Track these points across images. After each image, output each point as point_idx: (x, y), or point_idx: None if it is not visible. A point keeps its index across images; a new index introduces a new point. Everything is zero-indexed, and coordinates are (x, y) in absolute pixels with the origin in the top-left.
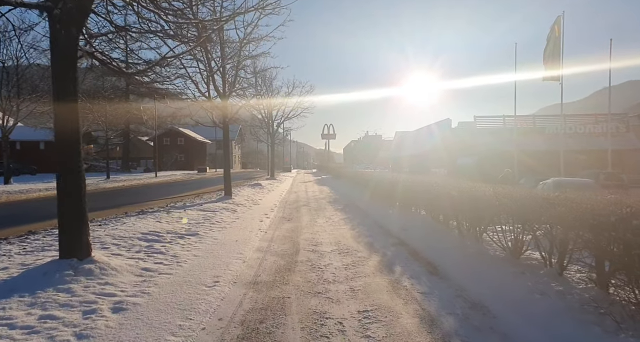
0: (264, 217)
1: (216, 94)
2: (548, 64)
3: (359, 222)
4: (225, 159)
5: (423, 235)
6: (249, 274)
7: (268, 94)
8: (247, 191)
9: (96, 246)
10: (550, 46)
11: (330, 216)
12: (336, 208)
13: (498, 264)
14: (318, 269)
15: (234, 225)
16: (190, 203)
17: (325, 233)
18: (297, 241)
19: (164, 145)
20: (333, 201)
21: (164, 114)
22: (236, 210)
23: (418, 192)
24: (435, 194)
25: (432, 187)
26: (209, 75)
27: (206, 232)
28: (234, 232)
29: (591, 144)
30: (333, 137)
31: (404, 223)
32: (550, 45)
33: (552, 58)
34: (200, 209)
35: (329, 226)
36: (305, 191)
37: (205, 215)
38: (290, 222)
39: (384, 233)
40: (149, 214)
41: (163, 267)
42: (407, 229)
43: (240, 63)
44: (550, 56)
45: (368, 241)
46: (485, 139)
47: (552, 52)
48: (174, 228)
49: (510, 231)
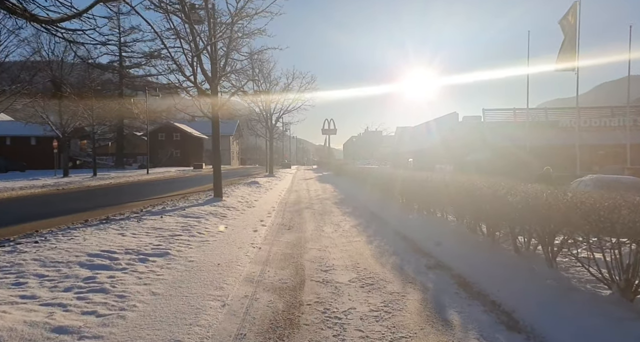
0: (259, 225)
1: (204, 79)
2: (564, 53)
3: (376, 231)
4: (215, 154)
5: (464, 253)
6: (228, 335)
7: (266, 84)
8: (242, 190)
9: (6, 280)
10: (567, 35)
11: (338, 223)
12: (344, 211)
13: (609, 310)
14: (335, 322)
15: (220, 238)
16: (172, 206)
17: (336, 249)
18: (301, 262)
19: (159, 141)
20: (339, 202)
21: (159, 109)
22: (226, 215)
23: (443, 194)
24: (473, 197)
25: (467, 188)
26: (194, 56)
27: (181, 249)
28: (218, 249)
29: (608, 138)
30: (334, 132)
31: (432, 233)
32: (566, 36)
33: (568, 47)
34: (181, 215)
35: (340, 237)
36: (306, 189)
37: (185, 223)
38: (291, 232)
39: (412, 249)
40: (113, 223)
41: (92, 323)
42: (439, 243)
43: (232, 42)
44: (567, 45)
45: (395, 262)
46: (495, 133)
47: (569, 41)
48: (138, 245)
49: (611, 251)
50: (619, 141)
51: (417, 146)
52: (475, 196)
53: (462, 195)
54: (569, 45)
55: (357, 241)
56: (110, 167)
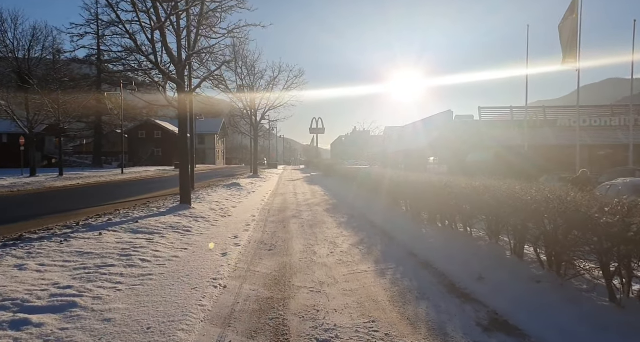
0: (231, 244)
1: (169, 61)
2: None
3: (384, 254)
4: (182, 152)
5: (527, 296)
6: None
7: (250, 77)
8: (220, 193)
9: None
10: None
11: (334, 240)
12: (339, 222)
13: None
14: None
15: (171, 268)
16: (123, 217)
17: (336, 288)
18: (285, 318)
19: (139, 139)
20: (332, 209)
21: (139, 106)
22: (191, 229)
23: (471, 203)
24: (528, 207)
25: (516, 196)
26: (154, 30)
27: (100, 295)
28: (161, 291)
29: (609, 138)
30: (322, 131)
31: (462, 258)
32: (567, 32)
33: (569, 44)
34: (130, 230)
35: (339, 264)
36: (294, 192)
37: (130, 244)
38: (273, 256)
39: (444, 286)
40: (21, 247)
41: None
42: (481, 276)
43: (203, 17)
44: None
45: (430, 318)
46: (493, 132)
47: (570, 37)
48: (30, 289)
49: None
50: (620, 141)
51: (406, 146)
52: (529, 207)
53: (505, 205)
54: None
55: (363, 271)
56: (87, 166)
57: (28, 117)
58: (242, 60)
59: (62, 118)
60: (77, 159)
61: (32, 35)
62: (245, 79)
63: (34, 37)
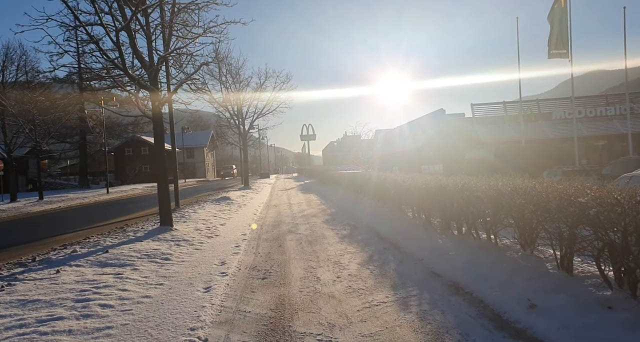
0: (217, 274)
1: (140, 65)
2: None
3: (402, 276)
4: (161, 166)
5: (608, 333)
6: None
7: (235, 85)
8: (208, 209)
9: None
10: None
11: (338, 259)
12: (341, 235)
13: None
14: None
15: (138, 315)
16: (92, 245)
17: (351, 335)
18: None
19: (125, 157)
20: (331, 220)
21: (123, 123)
22: (170, 256)
23: (502, 205)
24: (583, 211)
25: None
26: (119, 31)
27: None
28: None
29: (605, 128)
30: (313, 137)
31: (504, 279)
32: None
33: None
34: (97, 263)
35: (349, 294)
36: (288, 203)
37: (93, 282)
38: (267, 288)
39: (490, 321)
40: None
41: None
42: (534, 303)
43: (176, 14)
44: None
45: None
46: (488, 128)
47: (559, 28)
48: None
49: None
50: (617, 131)
51: (399, 148)
52: (585, 211)
53: (545, 209)
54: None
55: (380, 302)
56: (73, 187)
57: (5, 140)
58: (227, 68)
59: (41, 139)
60: (64, 180)
61: (5, 54)
62: (230, 87)
63: (7, 56)
